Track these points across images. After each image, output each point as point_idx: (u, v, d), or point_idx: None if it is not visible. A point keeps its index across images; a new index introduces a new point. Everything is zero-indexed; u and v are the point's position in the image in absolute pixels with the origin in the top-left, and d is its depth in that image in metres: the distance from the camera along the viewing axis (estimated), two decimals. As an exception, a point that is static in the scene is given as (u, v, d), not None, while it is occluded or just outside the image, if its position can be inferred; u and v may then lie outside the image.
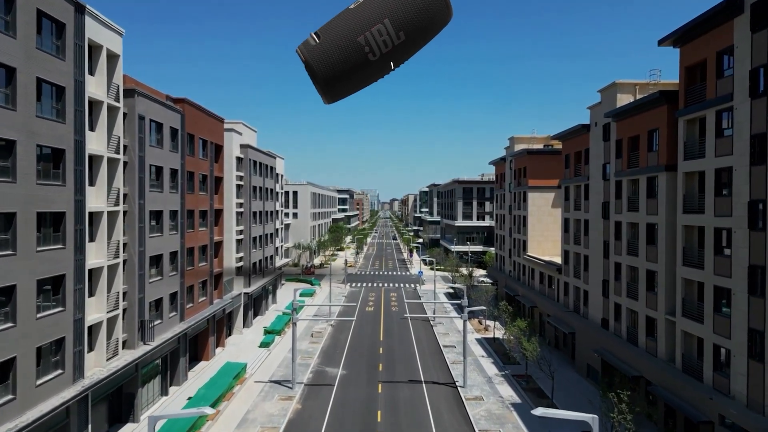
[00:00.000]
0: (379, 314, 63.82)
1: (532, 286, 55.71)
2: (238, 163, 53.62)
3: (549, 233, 57.70)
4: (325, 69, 3.66)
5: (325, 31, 3.69)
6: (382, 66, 3.73)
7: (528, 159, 58.18)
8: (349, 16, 3.66)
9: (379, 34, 3.63)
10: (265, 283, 61.85)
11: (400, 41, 3.68)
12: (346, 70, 3.69)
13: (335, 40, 3.65)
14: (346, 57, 3.65)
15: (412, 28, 3.69)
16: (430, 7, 3.71)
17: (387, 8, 3.64)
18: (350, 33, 3.63)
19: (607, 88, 37.47)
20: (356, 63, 3.67)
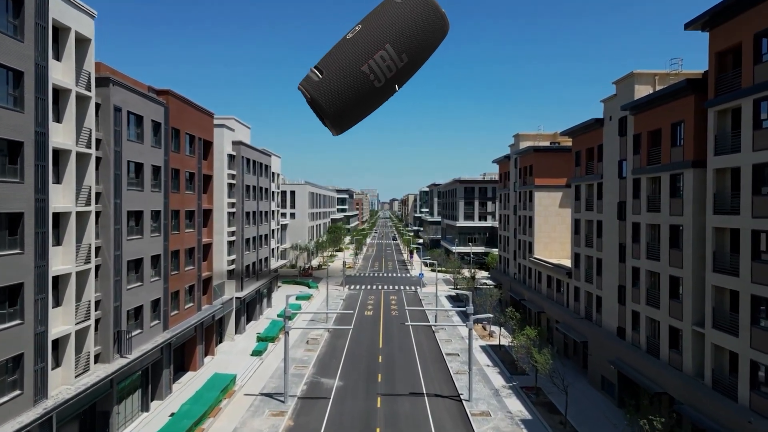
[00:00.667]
0: (379, 319, 61.14)
1: (539, 290, 53.03)
2: (229, 160, 50.94)
3: (556, 234, 55.04)
4: (334, 104, 3.63)
5: (327, 64, 3.63)
6: (388, 90, 3.69)
7: (534, 157, 55.50)
8: (349, 46, 3.62)
9: (382, 60, 3.61)
10: (260, 287, 59.18)
11: (403, 63, 3.66)
12: (354, 102, 3.66)
13: (339, 73, 3.61)
14: (353, 88, 3.63)
15: (414, 48, 3.68)
16: (428, 25, 3.71)
17: (387, 33, 3.62)
18: (353, 63, 3.60)
19: (624, 79, 34.80)
20: (363, 92, 3.65)
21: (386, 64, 3.63)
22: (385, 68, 3.63)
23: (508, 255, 66.37)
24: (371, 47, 3.60)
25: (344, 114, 3.69)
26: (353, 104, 3.66)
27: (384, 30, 3.63)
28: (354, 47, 3.61)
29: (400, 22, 3.66)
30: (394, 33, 3.63)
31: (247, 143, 54.81)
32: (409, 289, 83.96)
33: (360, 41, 3.61)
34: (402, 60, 3.65)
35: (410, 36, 3.66)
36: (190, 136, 39.16)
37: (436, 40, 3.77)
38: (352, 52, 3.60)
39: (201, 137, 41.14)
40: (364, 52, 3.59)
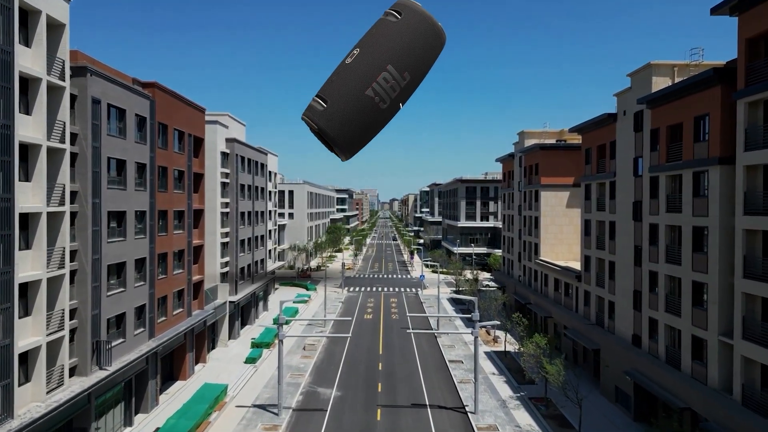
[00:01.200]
0: (379, 323, 59.01)
1: (546, 294, 50.89)
2: (223, 158, 48.82)
3: (563, 236, 52.91)
4: (343, 132, 3.62)
5: (330, 93, 3.61)
6: (393, 109, 3.72)
7: (540, 155, 53.37)
8: (351, 71, 3.61)
9: (385, 81, 3.62)
10: (255, 290, 57.05)
11: (406, 82, 3.68)
12: (363, 126, 3.66)
13: (344, 100, 3.60)
14: (360, 114, 3.62)
15: (415, 65, 3.71)
16: (427, 41, 3.74)
17: (388, 54, 3.64)
18: (358, 89, 3.59)
19: (640, 70, 32.66)
20: (370, 116, 3.65)
21: (390, 85, 3.63)
22: (389, 89, 3.64)
23: (513, 257, 64.23)
24: (373, 70, 3.61)
25: (354, 140, 3.73)
26: (362, 129, 3.68)
27: (384, 51, 3.65)
28: (356, 72, 3.61)
29: (399, 42, 3.67)
30: (394, 53, 3.66)
31: (241, 140, 52.70)
32: (409, 291, 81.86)
33: (361, 65, 3.62)
34: (405, 78, 3.68)
35: (411, 54, 3.69)
36: (179, 132, 37.03)
37: (435, 54, 3.85)
38: (354, 77, 3.61)
39: (191, 133, 39.00)
40: (367, 75, 3.61)
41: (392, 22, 3.75)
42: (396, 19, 3.78)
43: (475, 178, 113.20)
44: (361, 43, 3.71)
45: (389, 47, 3.67)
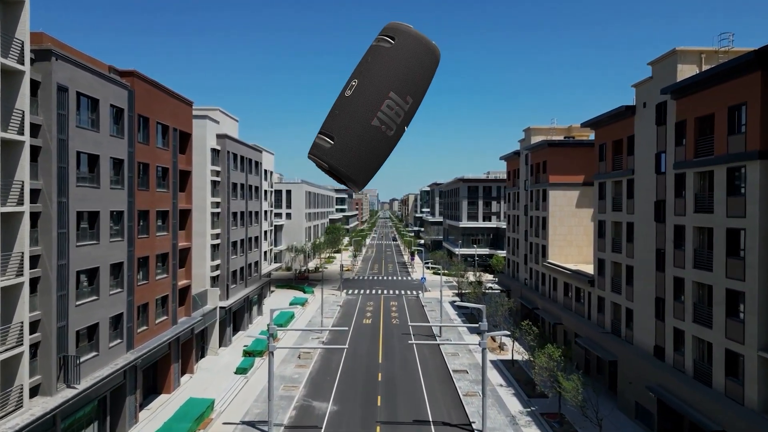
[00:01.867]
0: (378, 328, 56.30)
1: (555, 299, 48.18)
2: (213, 155, 46.13)
3: (573, 237, 50.20)
4: (355, 167, 3.64)
5: (336, 129, 3.60)
6: (399, 133, 3.71)
7: (549, 152, 50.67)
8: (353, 104, 3.60)
9: (389, 108, 3.60)
10: (249, 294, 54.36)
11: (409, 105, 3.67)
12: (373, 157, 3.68)
13: (351, 134, 3.59)
14: (369, 146, 3.62)
15: (416, 88, 3.70)
16: (424, 61, 3.72)
17: (388, 81, 3.62)
18: (363, 121, 3.59)
19: (663, 58, 29.95)
20: (379, 146, 3.65)
21: (394, 111, 3.63)
22: (394, 116, 3.63)
23: (518, 259, 61.52)
24: (376, 99, 3.60)
25: (367, 172, 3.72)
26: (373, 160, 3.68)
27: (384, 79, 3.63)
28: (359, 104, 3.60)
29: (397, 67, 3.65)
30: (394, 79, 3.63)
31: (233, 137, 50.01)
32: (410, 294, 79.11)
33: (363, 96, 3.61)
34: (408, 102, 3.67)
35: (410, 77, 3.67)
36: (162, 125, 34.31)
37: (433, 72, 3.82)
38: (358, 109, 3.59)
39: (177, 128, 36.28)
40: (371, 106, 3.59)
41: (387, 48, 3.73)
42: (390, 44, 3.74)
43: (477, 178, 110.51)
44: (358, 73, 3.70)
45: (388, 74, 3.65)
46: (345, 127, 3.58)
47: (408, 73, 3.69)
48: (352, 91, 3.63)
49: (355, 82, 3.66)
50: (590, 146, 49.66)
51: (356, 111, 3.58)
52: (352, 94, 3.63)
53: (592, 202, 49.73)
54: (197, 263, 43.64)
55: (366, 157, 3.64)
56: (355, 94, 3.61)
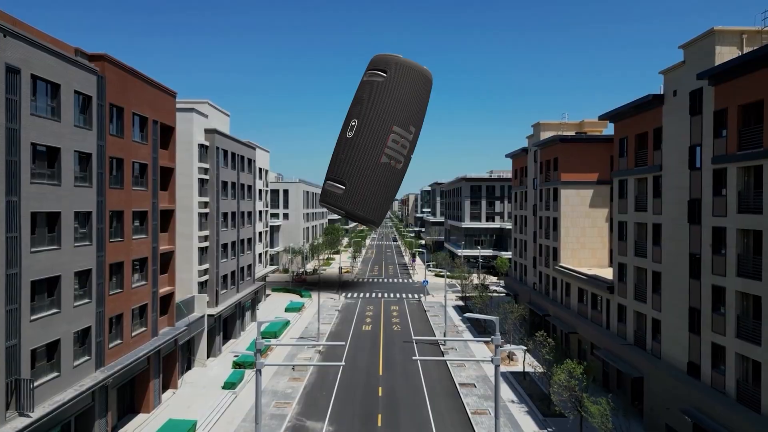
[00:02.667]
0: (378, 335, 53.07)
1: (568, 305, 44.94)
2: (201, 152, 42.90)
3: (586, 239, 46.97)
4: (371, 208, 3.67)
5: (344, 174, 3.61)
6: (407, 163, 3.72)
7: (560, 148, 47.43)
8: (359, 145, 3.58)
9: (395, 143, 3.60)
10: (241, 299, 51.12)
11: (413, 134, 3.70)
12: (386, 193, 3.69)
13: (362, 177, 3.58)
14: (381, 183, 3.61)
15: (416, 116, 3.75)
16: (419, 87, 3.74)
17: (389, 116, 3.61)
18: (371, 161, 3.58)
19: (698, 39, 26.73)
20: (390, 181, 3.64)
21: (400, 145, 3.64)
22: (400, 148, 3.65)
23: (526, 262, 58.29)
24: (381, 137, 3.60)
25: (383, 209, 3.73)
26: (387, 196, 3.71)
27: (385, 114, 3.62)
28: (364, 145, 3.59)
29: (396, 100, 3.64)
30: (395, 113, 3.64)
31: (224, 132, 46.77)
32: (411, 297, 75.79)
33: (367, 136, 3.60)
34: (411, 132, 3.71)
35: (410, 107, 3.68)
36: (140, 117, 31.07)
37: (428, 96, 3.83)
38: (365, 150, 3.58)
39: (158, 120, 33.05)
40: (377, 144, 3.59)
41: (380, 82, 3.72)
42: (382, 77, 3.72)
43: (480, 177, 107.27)
44: (357, 112, 3.69)
45: (388, 109, 3.64)
46: (354, 171, 3.57)
47: (407, 104, 3.66)
48: (354, 132, 3.63)
49: (354, 122, 3.66)
50: (605, 142, 46.47)
51: (363, 152, 3.56)
52: (354, 135, 3.62)
53: (606, 201, 46.55)
54: (183, 268, 40.43)
55: (380, 196, 3.66)
56: (358, 134, 3.61)
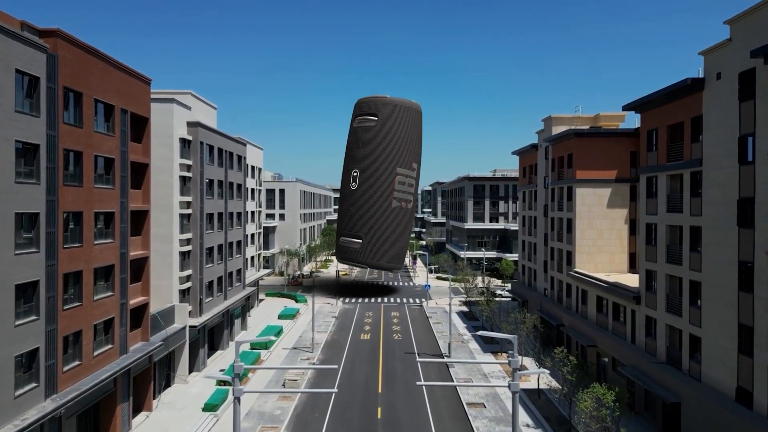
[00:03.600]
0: (378, 345, 49.25)
1: (585, 315, 41.10)
2: (183, 147, 39.08)
3: (604, 242, 43.15)
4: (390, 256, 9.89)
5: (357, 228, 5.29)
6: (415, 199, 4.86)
7: (575, 144, 43.60)
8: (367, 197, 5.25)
9: (401, 184, 5.51)
10: (230, 306, 47.28)
11: (415, 171, 6.35)
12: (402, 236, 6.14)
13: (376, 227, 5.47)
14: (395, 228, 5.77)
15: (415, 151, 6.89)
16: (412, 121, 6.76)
17: (391, 160, 6.06)
18: (382, 209, 5.23)
19: (750, 12, 22.87)
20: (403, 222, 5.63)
21: (407, 184, 5.32)
22: (407, 188, 5.18)
23: (535, 266, 54.45)
24: (387, 182, 5.03)
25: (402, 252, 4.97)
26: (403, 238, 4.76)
27: (385, 160, 5.14)
28: (372, 194, 4.85)
29: (393, 142, 5.07)
30: (395, 155, 5.36)
31: (210, 126, 42.93)
32: (413, 302, 71.86)
33: (372, 185, 4.90)
34: (414, 169, 5.71)
35: (408, 146, 5.37)
36: (105, 105, 27.24)
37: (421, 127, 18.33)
38: (373, 199, 4.77)
39: (128, 109, 29.20)
40: (384, 191, 5.00)
41: (373, 127, 18.52)
42: (374, 121, 5.84)
43: (483, 176, 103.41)
44: (356, 161, 6.08)
45: (388, 153, 6.20)
46: (368, 223, 5.13)
47: (405, 143, 5.21)
48: (358, 183, 5.07)
49: (356, 172, 5.12)
50: (625, 136, 42.68)
51: (372, 202, 4.93)
52: (359, 186, 5.12)
53: (626, 201, 42.75)
54: (161, 274, 36.63)
55: (397, 240, 5.79)
56: (363, 184, 4.83)
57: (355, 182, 63.29)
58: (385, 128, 61.77)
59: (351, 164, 65.87)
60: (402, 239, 72.99)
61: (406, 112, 66.72)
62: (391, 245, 72.40)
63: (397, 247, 72.60)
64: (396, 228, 71.92)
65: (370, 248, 71.38)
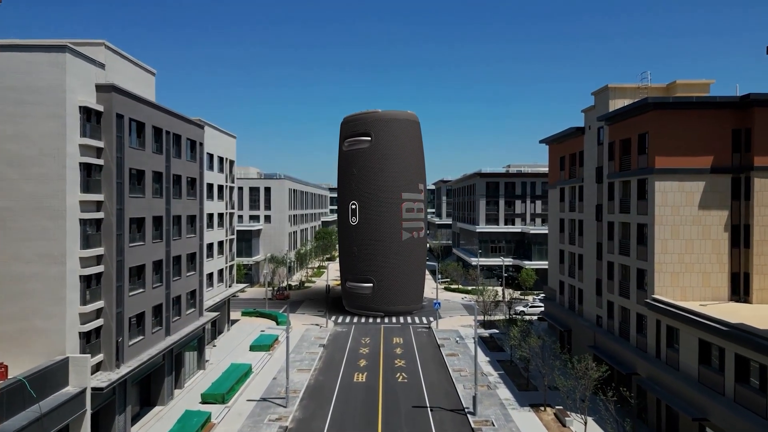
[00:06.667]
0: (376, 394, 36.65)
1: (675, 364, 28.46)
2: (85, 121, 26.47)
3: (695, 257, 30.58)
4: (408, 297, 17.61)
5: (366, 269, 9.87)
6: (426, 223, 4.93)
7: (654, 119, 31.02)
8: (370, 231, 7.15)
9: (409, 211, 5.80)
10: (175, 344, 34.65)
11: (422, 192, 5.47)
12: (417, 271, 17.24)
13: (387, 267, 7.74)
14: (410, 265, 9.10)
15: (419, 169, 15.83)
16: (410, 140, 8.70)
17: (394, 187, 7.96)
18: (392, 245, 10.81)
19: None
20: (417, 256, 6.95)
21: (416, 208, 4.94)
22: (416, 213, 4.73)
23: (582, 285, 41.85)
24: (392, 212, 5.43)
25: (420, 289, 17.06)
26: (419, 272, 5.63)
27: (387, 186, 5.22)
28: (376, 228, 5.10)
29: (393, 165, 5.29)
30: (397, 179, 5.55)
31: (137, 95, 30.31)
32: (419, 323, 59.07)
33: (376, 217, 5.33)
34: (420, 190, 4.66)
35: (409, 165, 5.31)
36: None
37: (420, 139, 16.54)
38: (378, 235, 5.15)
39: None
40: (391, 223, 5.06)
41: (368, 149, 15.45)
42: (367, 142, 5.20)
43: (497, 172, 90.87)
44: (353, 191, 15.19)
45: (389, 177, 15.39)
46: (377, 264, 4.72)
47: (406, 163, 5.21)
48: (358, 217, 5.14)
49: (354, 204, 4.63)
50: (727, 108, 30.14)
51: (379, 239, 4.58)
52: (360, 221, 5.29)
53: (727, 199, 30.27)
54: (44, 311, 24.08)
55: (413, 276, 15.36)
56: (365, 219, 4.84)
57: (355, 216, 50.12)
58: (381, 149, 53.43)
59: (347, 195, 56.51)
60: (418, 275, 60.14)
61: (403, 126, 54.76)
62: (407, 285, 59.33)
63: (414, 286, 59.68)
64: (410, 263, 58.63)
65: (384, 293, 57.44)
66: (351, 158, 57.64)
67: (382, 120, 56.29)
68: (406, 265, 57.42)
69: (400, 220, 56.43)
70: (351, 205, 55.61)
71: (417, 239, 58.17)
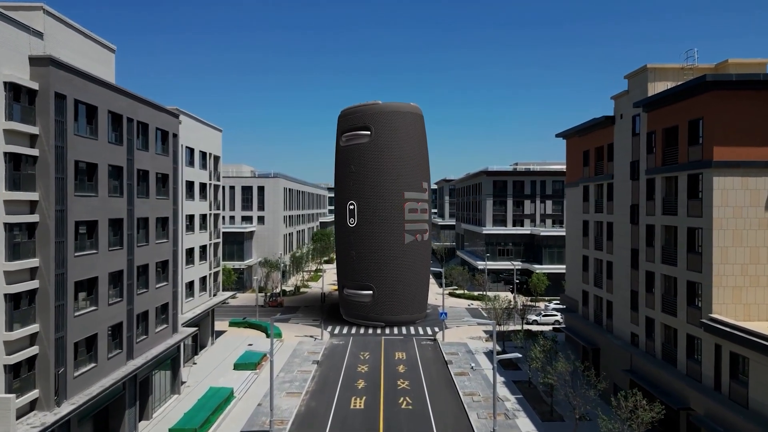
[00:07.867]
0: (377, 421, 31.35)
1: (744, 401, 23.17)
2: (13, 101, 21.20)
3: (763, 269, 25.29)
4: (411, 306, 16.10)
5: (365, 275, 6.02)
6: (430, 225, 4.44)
7: (711, 102, 25.72)
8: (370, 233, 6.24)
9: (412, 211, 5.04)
10: (139, 369, 29.34)
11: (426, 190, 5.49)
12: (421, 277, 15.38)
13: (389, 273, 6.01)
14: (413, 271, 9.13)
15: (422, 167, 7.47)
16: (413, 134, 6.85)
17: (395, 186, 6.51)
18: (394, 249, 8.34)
19: None
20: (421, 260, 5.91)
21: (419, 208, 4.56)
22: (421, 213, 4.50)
23: (612, 297, 36.55)
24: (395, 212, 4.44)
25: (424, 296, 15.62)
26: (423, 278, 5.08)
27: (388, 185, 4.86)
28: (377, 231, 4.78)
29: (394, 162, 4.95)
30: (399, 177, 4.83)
31: (85, 71, 25.01)
32: (423, 335, 53.70)
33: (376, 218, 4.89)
34: (425, 189, 4.69)
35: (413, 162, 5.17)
36: None
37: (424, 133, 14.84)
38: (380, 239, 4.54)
39: None
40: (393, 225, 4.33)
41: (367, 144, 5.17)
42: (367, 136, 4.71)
43: (504, 170, 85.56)
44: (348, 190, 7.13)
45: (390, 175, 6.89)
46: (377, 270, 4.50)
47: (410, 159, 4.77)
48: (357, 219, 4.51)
49: (352, 204, 4.33)
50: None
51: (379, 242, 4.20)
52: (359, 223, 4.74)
53: (802, 199, 24.88)
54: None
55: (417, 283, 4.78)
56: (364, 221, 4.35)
57: (353, 217, 43.57)
58: (382, 144, 49.22)
59: (344, 194, 51.85)
60: (422, 282, 54.73)
61: (405, 119, 50.32)
62: (410, 293, 53.72)
63: (418, 293, 54.13)
64: (414, 269, 52.98)
65: (385, 301, 52.36)
66: (349, 154, 52.00)
67: (383, 112, 50.44)
68: (409, 271, 51.95)
69: (402, 221, 50.56)
70: (349, 205, 51.13)
71: (420, 242, 52.53)
